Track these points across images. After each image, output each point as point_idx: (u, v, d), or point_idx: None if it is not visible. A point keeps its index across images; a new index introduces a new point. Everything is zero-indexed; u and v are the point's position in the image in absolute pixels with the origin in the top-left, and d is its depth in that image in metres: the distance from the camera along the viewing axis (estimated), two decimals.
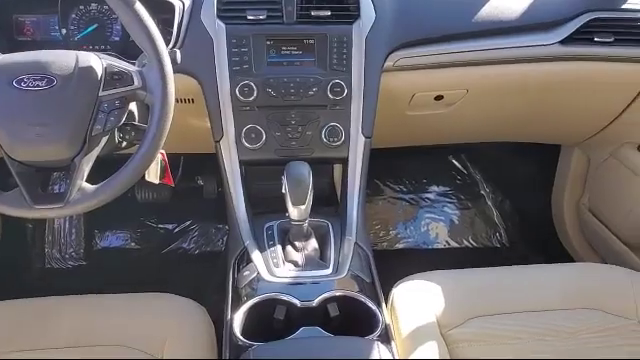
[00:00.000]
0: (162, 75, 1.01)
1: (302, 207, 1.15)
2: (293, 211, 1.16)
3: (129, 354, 1.11)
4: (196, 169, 2.14)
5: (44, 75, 0.97)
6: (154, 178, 1.19)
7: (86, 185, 0.99)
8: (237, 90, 1.30)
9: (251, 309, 1.09)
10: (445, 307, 1.20)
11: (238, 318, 1.08)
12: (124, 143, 1.13)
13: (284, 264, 1.19)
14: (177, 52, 1.10)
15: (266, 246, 1.23)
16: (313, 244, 1.23)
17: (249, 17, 1.33)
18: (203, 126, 1.37)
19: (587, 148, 1.91)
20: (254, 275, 1.15)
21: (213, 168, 1.39)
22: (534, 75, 1.49)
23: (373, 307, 1.11)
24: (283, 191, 1.15)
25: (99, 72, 0.99)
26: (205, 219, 2.22)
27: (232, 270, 1.21)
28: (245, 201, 1.31)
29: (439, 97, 1.51)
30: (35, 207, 0.97)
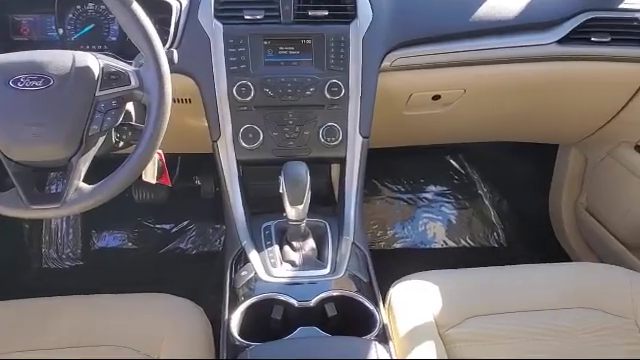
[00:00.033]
0: (159, 75, 1.01)
1: (300, 207, 1.15)
2: (291, 211, 1.16)
3: (126, 354, 1.11)
4: (193, 169, 2.13)
5: (41, 75, 0.97)
6: (151, 178, 1.19)
7: (83, 185, 0.99)
8: (234, 90, 1.30)
9: (248, 309, 1.09)
10: (443, 307, 1.20)
11: (235, 318, 1.08)
12: (121, 143, 1.12)
13: (281, 264, 1.19)
14: (174, 52, 1.09)
15: (263, 246, 1.23)
16: (311, 244, 1.23)
17: (246, 17, 1.33)
18: (200, 126, 1.37)
19: (584, 147, 1.91)
20: (251, 275, 1.15)
21: (210, 168, 1.39)
22: (531, 75, 1.50)
23: (371, 307, 1.10)
24: (281, 191, 1.15)
25: (96, 72, 0.99)
26: (202, 219, 2.22)
27: (229, 270, 1.21)
28: (242, 201, 1.31)
29: (436, 97, 1.51)
30: (32, 207, 0.97)
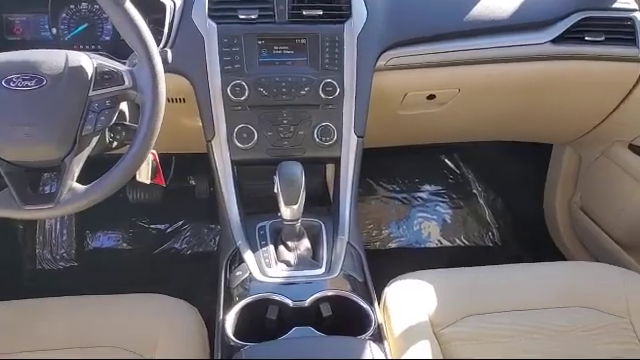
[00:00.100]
0: (153, 75, 1.00)
1: (294, 207, 1.15)
2: (285, 211, 1.16)
3: (120, 355, 1.10)
4: (188, 169, 2.13)
5: (34, 75, 0.96)
6: (145, 178, 1.18)
7: (77, 185, 0.98)
8: (228, 89, 1.30)
9: (243, 309, 1.09)
10: (438, 306, 1.20)
11: (230, 318, 1.07)
12: (115, 143, 1.12)
13: (276, 264, 1.19)
14: (168, 52, 1.09)
15: (258, 246, 1.23)
16: (305, 244, 1.23)
17: (240, 16, 1.32)
18: (195, 126, 1.36)
19: (578, 147, 1.91)
20: (246, 275, 1.15)
21: (205, 168, 1.38)
22: (526, 74, 1.50)
23: (366, 307, 1.10)
24: (275, 191, 1.15)
25: (89, 72, 0.99)
26: (197, 219, 2.21)
27: (224, 270, 1.21)
28: (237, 201, 1.31)
29: (431, 96, 1.51)
30: (25, 208, 0.96)
